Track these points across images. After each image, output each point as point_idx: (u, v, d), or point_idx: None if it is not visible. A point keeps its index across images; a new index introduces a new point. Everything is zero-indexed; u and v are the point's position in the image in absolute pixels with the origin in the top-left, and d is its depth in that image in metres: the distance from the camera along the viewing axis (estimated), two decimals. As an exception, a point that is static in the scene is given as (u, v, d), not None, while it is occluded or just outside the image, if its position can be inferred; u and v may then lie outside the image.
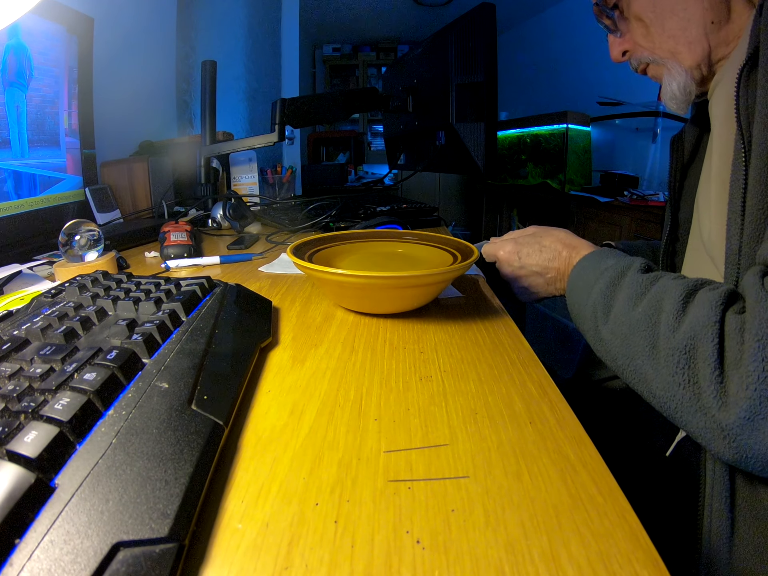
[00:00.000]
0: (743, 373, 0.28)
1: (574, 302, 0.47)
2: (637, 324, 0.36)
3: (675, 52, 0.49)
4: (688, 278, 0.37)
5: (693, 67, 0.49)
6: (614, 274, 0.41)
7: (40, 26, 0.74)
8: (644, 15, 0.49)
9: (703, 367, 0.30)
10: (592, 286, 0.43)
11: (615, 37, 0.54)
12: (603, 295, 0.41)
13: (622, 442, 0.57)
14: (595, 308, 0.42)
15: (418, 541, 0.19)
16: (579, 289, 0.46)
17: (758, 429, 0.28)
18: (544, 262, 0.54)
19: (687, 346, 0.32)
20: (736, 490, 0.36)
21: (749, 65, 0.39)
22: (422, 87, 0.99)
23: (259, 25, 2.19)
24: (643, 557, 0.18)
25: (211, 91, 1.02)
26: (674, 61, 0.50)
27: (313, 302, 0.48)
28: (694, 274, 0.53)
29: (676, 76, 0.50)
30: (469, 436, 0.26)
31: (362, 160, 3.33)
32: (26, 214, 0.72)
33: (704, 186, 0.51)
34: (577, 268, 0.48)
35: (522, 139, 2.81)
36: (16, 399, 0.21)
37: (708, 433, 0.31)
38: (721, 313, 0.31)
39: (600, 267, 0.44)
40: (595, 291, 0.42)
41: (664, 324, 0.34)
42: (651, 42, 0.51)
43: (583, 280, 0.46)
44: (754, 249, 0.36)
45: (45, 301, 0.35)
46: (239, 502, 0.21)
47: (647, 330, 0.35)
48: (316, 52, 4.19)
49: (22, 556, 0.15)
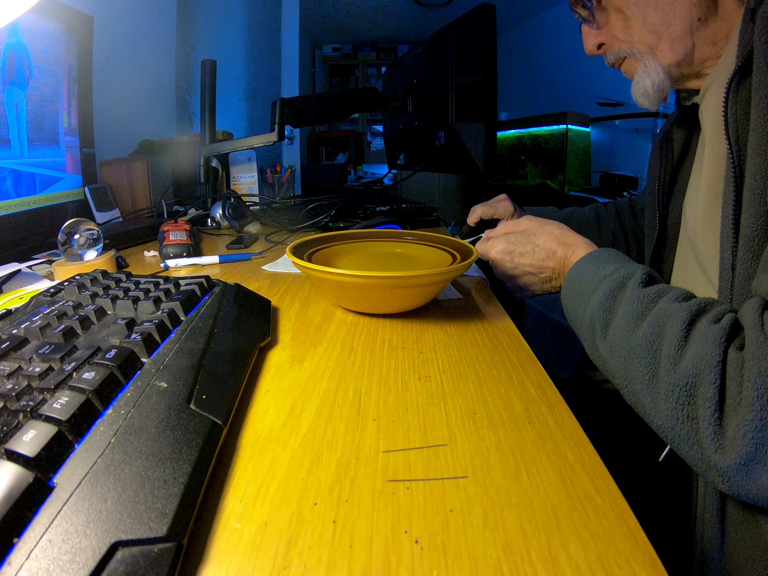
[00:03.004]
0: (740, 419, 0.28)
1: (571, 308, 0.45)
2: (638, 349, 0.35)
3: (655, 47, 0.47)
4: (690, 299, 0.36)
5: (672, 65, 0.46)
6: (613, 285, 0.39)
7: (39, 25, 0.74)
8: (625, 7, 0.47)
9: (703, 407, 0.30)
10: (590, 295, 0.41)
11: (590, 29, 0.51)
12: (601, 308, 0.39)
13: (621, 442, 0.57)
14: (592, 320, 0.40)
15: (417, 541, 0.19)
16: (576, 295, 0.44)
17: (753, 474, 0.28)
18: (537, 262, 0.51)
19: (688, 384, 0.31)
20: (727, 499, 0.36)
21: (738, 76, 0.38)
22: (422, 87, 0.99)
23: (259, 24, 2.19)
24: (642, 558, 0.18)
25: (210, 90, 1.02)
26: (653, 58, 0.47)
27: (312, 302, 0.48)
28: (685, 283, 0.52)
29: (652, 73, 0.47)
30: (467, 437, 0.26)
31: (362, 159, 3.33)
32: (25, 213, 0.72)
33: (693, 191, 0.50)
34: (573, 273, 0.46)
35: (521, 139, 2.81)
36: (14, 398, 0.21)
37: (703, 468, 0.31)
38: (724, 351, 0.31)
39: (598, 274, 0.42)
40: (593, 302, 0.40)
41: (666, 355, 0.33)
42: (630, 36, 0.48)
43: (580, 286, 0.44)
44: (748, 270, 0.36)
45: (44, 300, 0.35)
46: (238, 501, 0.21)
47: (647, 358, 0.34)
48: (316, 52, 4.19)
49: (21, 555, 0.15)
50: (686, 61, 0.46)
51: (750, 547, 0.35)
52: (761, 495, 0.28)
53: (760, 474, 0.28)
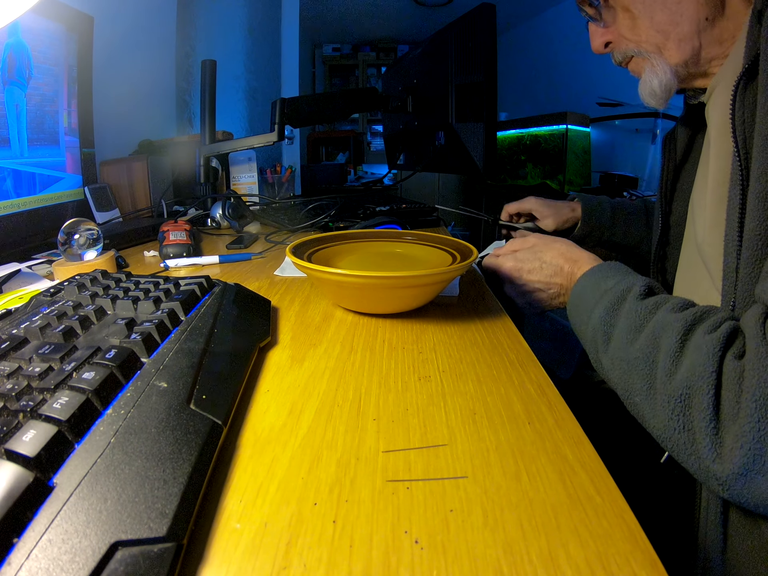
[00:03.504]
0: (738, 430, 0.28)
1: (575, 322, 0.46)
2: (635, 362, 0.35)
3: (662, 47, 0.47)
4: (687, 308, 0.36)
5: (679, 65, 0.47)
6: (613, 300, 0.40)
7: (39, 25, 0.74)
8: (633, 6, 0.47)
9: (698, 417, 0.30)
10: (592, 309, 0.42)
11: (597, 27, 0.51)
12: (602, 322, 0.40)
13: (621, 442, 0.57)
14: (594, 335, 0.41)
15: (417, 541, 0.19)
16: (579, 310, 0.45)
17: (751, 483, 0.28)
18: (545, 278, 0.52)
19: (683, 394, 0.31)
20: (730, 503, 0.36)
21: (746, 78, 0.38)
22: (422, 87, 0.99)
23: (259, 24, 2.19)
24: (642, 558, 0.18)
25: (210, 90, 1.02)
26: (660, 57, 0.47)
27: (312, 302, 0.48)
28: (688, 281, 0.52)
29: (659, 72, 0.47)
30: (467, 437, 0.26)
31: (362, 160, 3.33)
32: (25, 212, 0.72)
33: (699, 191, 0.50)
34: (577, 288, 0.47)
35: (521, 139, 2.81)
36: (14, 398, 0.21)
37: (702, 476, 0.31)
38: (719, 361, 0.31)
39: (599, 289, 0.43)
40: (595, 317, 0.41)
41: (661, 367, 0.33)
42: (637, 35, 0.48)
43: (582, 301, 0.44)
44: (752, 273, 0.36)
45: (44, 300, 0.35)
46: (238, 501, 0.21)
47: (644, 370, 0.34)
48: (316, 52, 4.18)
49: (21, 555, 0.15)
50: (693, 60, 0.46)
51: (752, 548, 0.35)
52: (761, 503, 0.28)
53: (760, 484, 0.28)
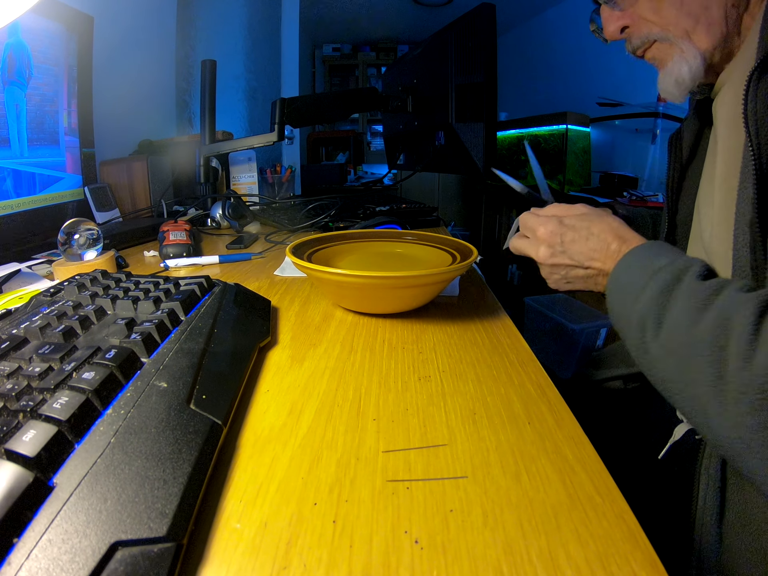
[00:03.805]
0: None
1: (617, 305, 0.40)
2: (700, 346, 0.30)
3: (692, 32, 0.44)
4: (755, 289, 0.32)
5: (708, 50, 0.44)
6: (668, 279, 0.35)
7: (39, 25, 0.74)
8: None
9: None
10: (642, 289, 0.37)
11: (612, 10, 0.47)
12: (656, 303, 0.35)
13: (621, 442, 0.57)
14: (643, 318, 0.36)
15: (417, 541, 0.19)
16: (624, 291, 0.39)
17: None
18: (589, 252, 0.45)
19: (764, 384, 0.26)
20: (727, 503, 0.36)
21: (759, 71, 0.37)
22: (422, 87, 0.99)
23: (259, 24, 2.19)
24: (641, 558, 0.18)
25: (210, 90, 1.01)
26: (689, 42, 0.44)
27: (312, 302, 0.48)
28: None
29: (690, 58, 0.44)
30: (467, 437, 0.26)
31: (362, 160, 3.33)
32: (25, 212, 0.72)
33: (706, 188, 0.49)
34: (622, 265, 0.41)
35: (521, 139, 2.81)
36: (14, 398, 0.21)
37: None
38: None
39: (651, 267, 0.37)
40: (645, 297, 0.36)
41: (735, 352, 0.28)
42: (662, 18, 0.45)
43: (629, 280, 0.39)
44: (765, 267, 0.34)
45: (44, 300, 0.35)
46: (238, 501, 0.21)
47: (712, 355, 0.29)
48: (316, 52, 4.18)
49: (21, 555, 0.15)
50: (720, 48, 0.44)
51: (747, 548, 0.35)
52: None
53: None
